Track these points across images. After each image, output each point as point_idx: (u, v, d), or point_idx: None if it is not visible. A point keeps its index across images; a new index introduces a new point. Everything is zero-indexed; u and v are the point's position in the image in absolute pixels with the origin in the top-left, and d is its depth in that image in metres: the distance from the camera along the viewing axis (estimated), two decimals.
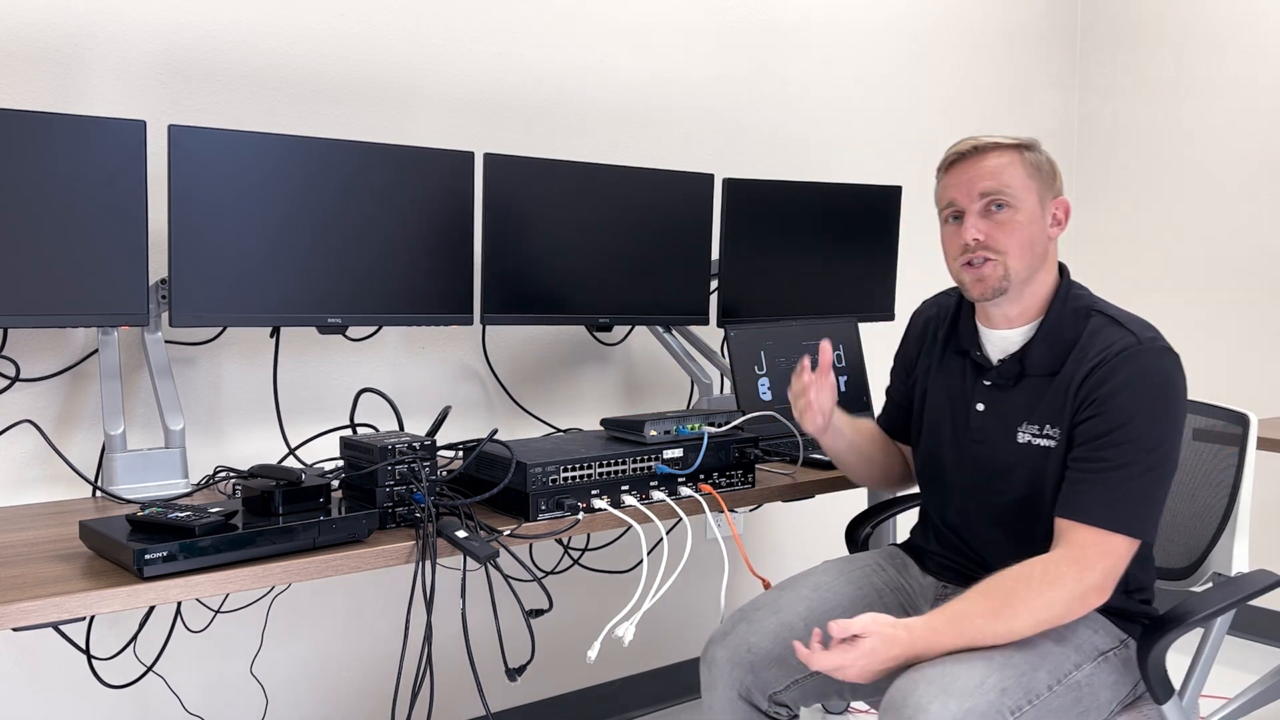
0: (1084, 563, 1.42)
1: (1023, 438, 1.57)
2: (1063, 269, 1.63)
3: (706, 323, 2.43)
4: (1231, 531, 1.76)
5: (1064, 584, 1.42)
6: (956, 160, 1.60)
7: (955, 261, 1.61)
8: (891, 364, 1.88)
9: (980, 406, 1.63)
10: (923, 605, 1.70)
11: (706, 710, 1.66)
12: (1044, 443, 1.54)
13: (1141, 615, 1.58)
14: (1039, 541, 1.52)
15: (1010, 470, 1.58)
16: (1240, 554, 1.75)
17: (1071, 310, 1.57)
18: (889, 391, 1.88)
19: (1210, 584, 1.78)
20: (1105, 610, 1.54)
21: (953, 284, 1.70)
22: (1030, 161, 1.57)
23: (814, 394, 1.66)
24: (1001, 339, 1.62)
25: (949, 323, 1.73)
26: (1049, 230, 1.58)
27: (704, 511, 1.69)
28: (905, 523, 2.06)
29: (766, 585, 1.74)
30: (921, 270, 3.07)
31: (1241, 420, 1.79)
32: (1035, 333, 1.58)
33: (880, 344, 2.74)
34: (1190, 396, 1.62)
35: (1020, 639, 1.43)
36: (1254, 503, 1.78)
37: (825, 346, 1.64)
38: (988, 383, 1.63)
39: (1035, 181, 1.57)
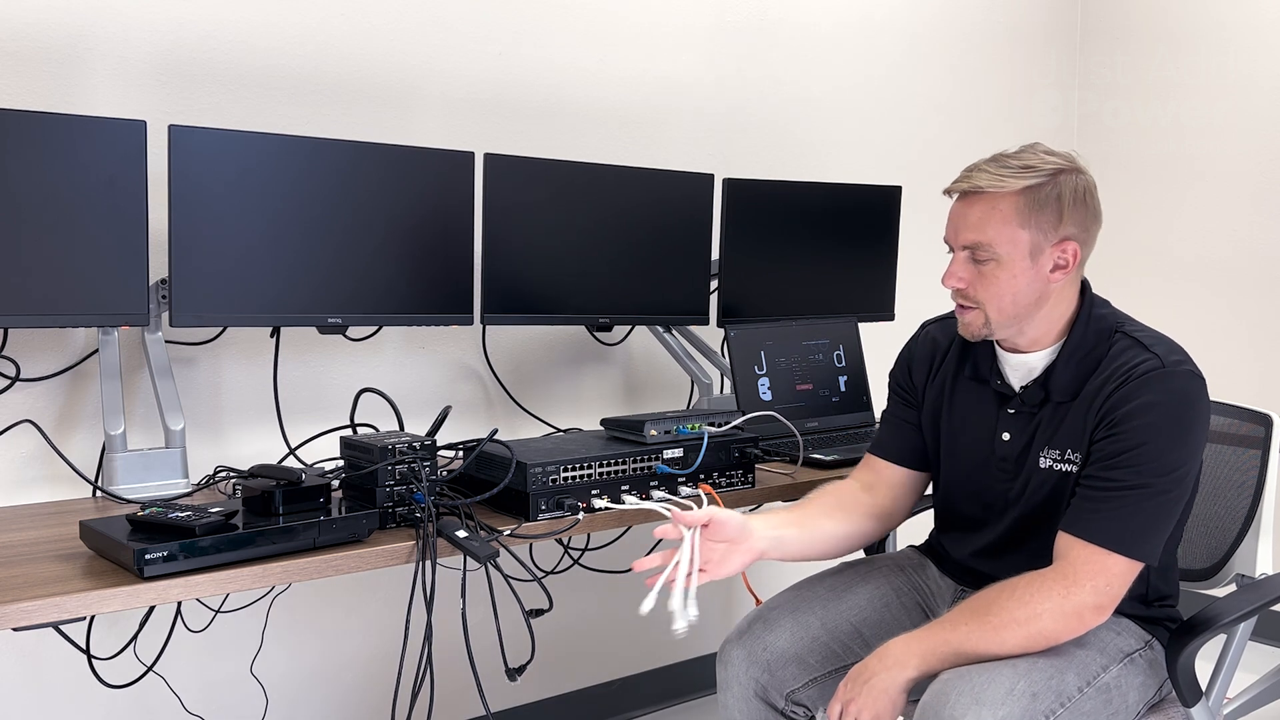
0: (1073, 579, 1.40)
1: (1044, 462, 1.53)
2: (1085, 288, 1.55)
3: (706, 323, 2.42)
4: (1255, 533, 1.74)
5: (1051, 597, 1.39)
6: (955, 195, 1.53)
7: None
8: (888, 388, 1.76)
9: (1006, 436, 1.58)
10: (940, 607, 1.69)
11: (722, 710, 1.64)
12: (1065, 467, 1.51)
13: (1165, 619, 1.56)
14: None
15: (1033, 495, 1.55)
16: (1265, 555, 1.74)
17: (1095, 331, 1.51)
18: (892, 417, 1.73)
19: (1234, 585, 1.76)
20: (1127, 614, 1.53)
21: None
22: (1027, 206, 1.45)
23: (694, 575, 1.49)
24: (1022, 363, 1.56)
25: (960, 348, 1.65)
26: (1047, 276, 1.48)
27: None
28: (905, 530, 2.06)
29: (758, 602, 1.72)
30: (921, 270, 3.06)
31: (1264, 421, 1.77)
32: (1058, 356, 1.52)
33: (880, 344, 2.73)
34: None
35: (1023, 651, 1.40)
36: (1278, 503, 1.76)
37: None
38: (1012, 410, 1.57)
39: (1028, 230, 1.45)
